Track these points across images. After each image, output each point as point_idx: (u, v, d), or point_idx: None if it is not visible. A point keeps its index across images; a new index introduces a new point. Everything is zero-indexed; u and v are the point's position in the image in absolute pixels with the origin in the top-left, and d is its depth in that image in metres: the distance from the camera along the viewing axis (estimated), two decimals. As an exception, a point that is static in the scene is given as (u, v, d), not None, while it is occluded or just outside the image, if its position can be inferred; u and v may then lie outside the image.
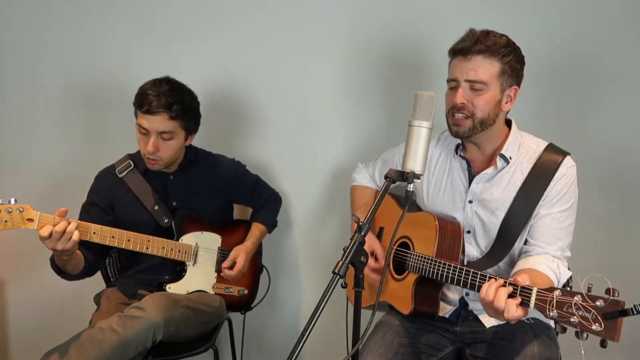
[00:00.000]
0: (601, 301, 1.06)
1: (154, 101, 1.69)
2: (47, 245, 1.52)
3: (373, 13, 2.08)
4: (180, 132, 1.78)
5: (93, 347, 1.52)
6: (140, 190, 1.85)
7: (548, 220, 1.48)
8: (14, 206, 1.50)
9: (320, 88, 2.17)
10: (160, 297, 1.68)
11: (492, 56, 1.45)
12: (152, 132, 1.72)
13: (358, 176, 1.94)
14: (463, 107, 1.47)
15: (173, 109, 1.71)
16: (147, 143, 1.73)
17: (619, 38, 1.95)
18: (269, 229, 2.10)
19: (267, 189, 2.12)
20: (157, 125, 1.71)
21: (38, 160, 2.29)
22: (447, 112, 1.52)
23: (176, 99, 1.72)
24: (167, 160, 1.80)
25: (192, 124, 1.83)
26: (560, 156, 1.50)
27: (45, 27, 2.22)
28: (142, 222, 1.82)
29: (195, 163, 1.94)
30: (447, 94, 1.53)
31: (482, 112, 1.47)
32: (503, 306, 1.21)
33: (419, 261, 1.52)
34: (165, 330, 1.62)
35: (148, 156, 1.76)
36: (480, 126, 1.48)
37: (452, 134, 1.53)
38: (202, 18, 2.16)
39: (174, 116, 1.72)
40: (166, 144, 1.76)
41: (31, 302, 2.37)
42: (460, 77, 1.47)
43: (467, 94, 1.46)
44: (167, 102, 1.70)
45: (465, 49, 1.46)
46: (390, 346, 1.55)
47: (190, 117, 1.80)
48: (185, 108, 1.75)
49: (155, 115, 1.70)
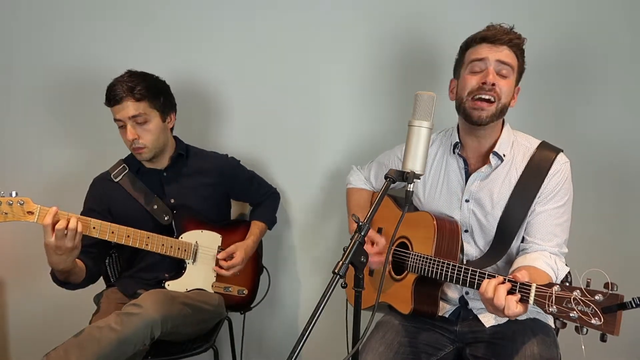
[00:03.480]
0: (600, 295, 1.06)
1: (117, 90, 1.73)
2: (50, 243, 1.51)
3: (374, 15, 2.09)
4: (153, 112, 1.79)
5: (92, 346, 1.52)
6: (137, 191, 1.85)
7: (544, 217, 1.48)
8: (14, 199, 1.53)
9: (320, 89, 2.17)
10: (157, 294, 1.69)
11: (516, 50, 1.47)
12: (125, 120, 1.75)
13: (353, 178, 1.95)
14: (493, 89, 1.44)
15: (136, 91, 1.74)
16: (125, 134, 1.76)
17: (612, 34, 1.95)
18: (269, 226, 2.10)
19: (264, 184, 2.13)
20: (126, 112, 1.74)
21: (38, 161, 2.29)
22: (466, 95, 1.48)
23: (136, 82, 1.75)
24: (151, 146, 1.80)
25: (163, 102, 1.83)
26: (554, 153, 1.51)
27: (44, 26, 2.22)
28: (142, 223, 1.82)
29: (187, 157, 1.95)
30: (467, 78, 1.48)
31: (506, 98, 1.47)
32: (503, 303, 1.21)
33: (418, 261, 1.52)
34: (164, 327, 1.62)
35: (132, 146, 1.79)
36: (500, 114, 1.48)
37: (473, 120, 1.48)
38: (202, 17, 2.17)
39: (139, 97, 1.74)
40: (143, 128, 1.77)
41: (31, 303, 2.37)
42: (491, 57, 1.45)
43: (494, 77, 1.45)
44: (128, 87, 1.73)
45: (494, 37, 1.45)
46: (391, 346, 1.55)
47: (158, 96, 1.81)
48: (148, 87, 1.77)
49: (121, 102, 1.73)
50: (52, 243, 1.52)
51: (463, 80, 1.50)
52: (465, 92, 1.49)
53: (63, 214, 1.56)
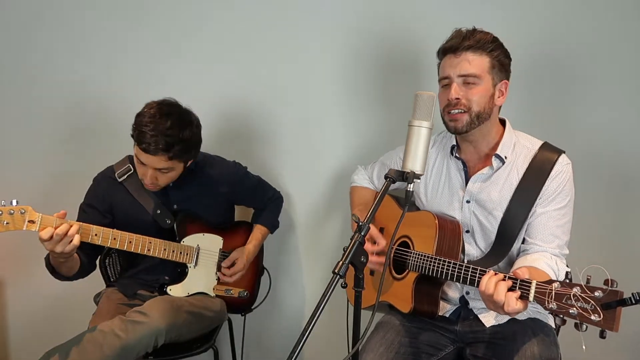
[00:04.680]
0: (600, 292, 1.06)
1: (152, 143, 1.61)
2: (46, 246, 1.51)
3: (374, 15, 2.10)
4: (179, 165, 1.74)
5: (94, 350, 1.53)
6: (140, 194, 1.83)
7: (545, 219, 1.49)
8: (15, 208, 1.50)
9: (321, 90, 2.18)
10: (163, 303, 1.68)
11: (481, 51, 1.47)
12: (150, 167, 1.69)
13: (357, 177, 1.96)
14: (458, 103, 1.47)
15: (172, 150, 1.64)
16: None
17: (614, 34, 1.96)
18: (271, 230, 2.09)
19: (269, 189, 2.11)
20: (155, 164, 1.67)
21: (39, 161, 2.30)
22: (443, 110, 1.53)
23: (175, 139, 1.64)
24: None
25: (192, 154, 1.78)
26: (556, 154, 1.51)
27: (45, 28, 2.23)
28: (144, 225, 1.81)
29: (195, 169, 1.92)
30: (440, 94, 1.54)
31: (478, 105, 1.48)
32: (503, 299, 1.22)
33: (419, 259, 1.52)
34: (168, 336, 1.63)
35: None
36: (477, 120, 1.49)
37: (451, 131, 1.54)
38: (201, 23, 2.18)
39: (172, 157, 1.66)
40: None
41: (31, 302, 2.37)
42: (452, 74, 1.48)
43: (460, 89, 1.48)
44: (165, 143, 1.62)
45: (454, 46, 1.48)
46: (391, 346, 1.55)
47: (191, 151, 1.74)
48: (185, 147, 1.68)
49: (153, 155, 1.64)
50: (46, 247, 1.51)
51: (438, 96, 1.54)
52: (441, 106, 1.53)
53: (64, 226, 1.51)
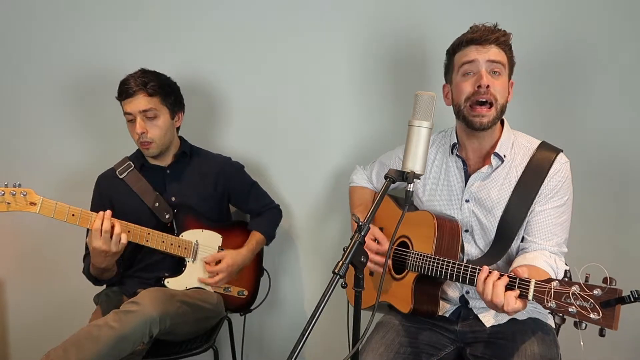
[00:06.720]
0: (599, 290, 1.07)
1: (131, 86, 1.79)
2: (99, 250, 1.62)
3: (374, 15, 2.10)
4: (163, 109, 1.84)
5: (90, 344, 1.53)
6: (140, 188, 1.89)
7: (543, 216, 1.49)
8: (17, 189, 1.57)
9: (321, 90, 2.18)
10: (155, 292, 1.69)
11: (504, 47, 1.47)
12: (135, 114, 1.80)
13: (356, 177, 1.96)
14: (488, 91, 1.44)
15: (149, 86, 1.79)
16: (134, 129, 1.81)
17: (613, 34, 1.96)
18: (267, 240, 2.07)
19: (266, 196, 2.12)
20: (137, 105, 1.79)
21: (52, 159, 2.30)
22: (463, 102, 1.48)
23: (150, 78, 1.81)
24: (159, 142, 1.85)
25: (173, 100, 1.89)
26: (554, 153, 1.51)
27: (55, 25, 2.24)
28: (144, 219, 1.83)
29: (191, 157, 1.98)
30: (461, 84, 1.48)
31: (502, 97, 1.47)
32: (502, 300, 1.22)
33: (418, 259, 1.52)
34: (162, 325, 1.62)
35: (139, 141, 1.83)
36: (500, 114, 1.48)
37: (475, 126, 1.48)
38: (202, 18, 2.18)
39: (151, 92, 1.80)
40: (153, 123, 1.82)
41: (31, 302, 2.37)
42: (481, 59, 1.45)
43: (487, 77, 1.44)
44: (141, 81, 1.79)
45: (481, 37, 1.45)
46: (391, 346, 1.55)
47: (169, 93, 1.87)
48: (161, 84, 1.83)
49: (134, 96, 1.78)
50: (99, 247, 1.62)
51: (457, 86, 1.50)
52: (461, 98, 1.49)
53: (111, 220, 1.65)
